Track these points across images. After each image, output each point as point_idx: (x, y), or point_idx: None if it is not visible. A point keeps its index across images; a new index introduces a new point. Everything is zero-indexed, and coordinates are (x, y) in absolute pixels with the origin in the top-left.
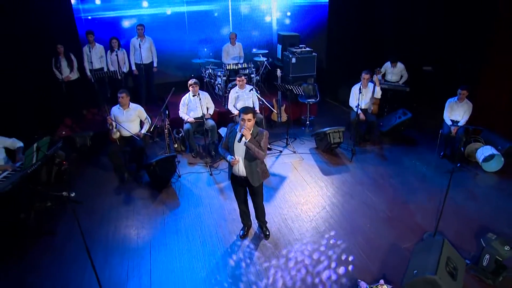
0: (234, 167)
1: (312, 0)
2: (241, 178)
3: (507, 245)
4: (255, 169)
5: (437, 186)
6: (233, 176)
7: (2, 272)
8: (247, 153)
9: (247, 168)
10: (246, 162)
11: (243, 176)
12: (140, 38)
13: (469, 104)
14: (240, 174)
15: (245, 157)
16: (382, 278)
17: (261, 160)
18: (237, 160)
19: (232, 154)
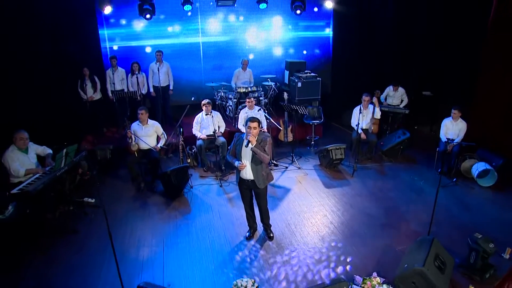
0: (242, 171)
1: (317, 33)
2: (248, 181)
3: (491, 243)
4: (261, 172)
5: (433, 198)
6: (240, 180)
7: (29, 265)
8: (254, 157)
9: (253, 171)
10: (253, 165)
11: (250, 179)
12: (159, 63)
13: (464, 123)
14: (248, 177)
15: (251, 161)
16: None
17: (266, 163)
18: (244, 164)
19: (239, 160)
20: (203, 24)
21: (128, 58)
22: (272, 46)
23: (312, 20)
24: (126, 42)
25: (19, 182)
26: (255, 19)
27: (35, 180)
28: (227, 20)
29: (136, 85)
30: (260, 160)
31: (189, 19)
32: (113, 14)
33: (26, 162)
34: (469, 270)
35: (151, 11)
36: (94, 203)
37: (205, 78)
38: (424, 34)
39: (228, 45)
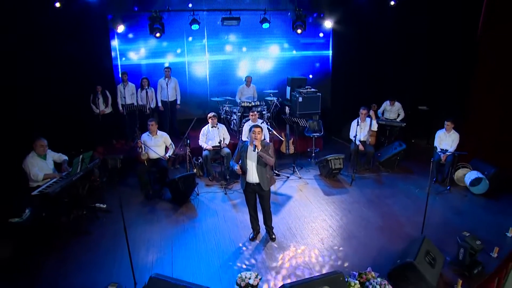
0: (248, 176)
1: (317, 52)
2: (253, 185)
3: (478, 240)
4: (265, 175)
5: (428, 205)
6: (247, 184)
7: (46, 263)
8: (259, 161)
9: (259, 175)
10: (259, 169)
11: (256, 182)
12: (167, 78)
13: (456, 134)
14: (254, 181)
15: (257, 165)
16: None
17: (271, 165)
18: (240, 169)
19: (245, 164)
20: (209, 42)
21: (137, 74)
22: (274, 63)
23: (313, 38)
24: (136, 59)
25: (37, 186)
26: (258, 38)
27: (53, 183)
28: (231, 39)
29: (145, 99)
30: (265, 163)
31: (196, 38)
32: (125, 33)
33: (45, 167)
34: (458, 266)
35: (160, 30)
36: (106, 208)
37: (211, 93)
38: (419, 52)
39: (232, 62)
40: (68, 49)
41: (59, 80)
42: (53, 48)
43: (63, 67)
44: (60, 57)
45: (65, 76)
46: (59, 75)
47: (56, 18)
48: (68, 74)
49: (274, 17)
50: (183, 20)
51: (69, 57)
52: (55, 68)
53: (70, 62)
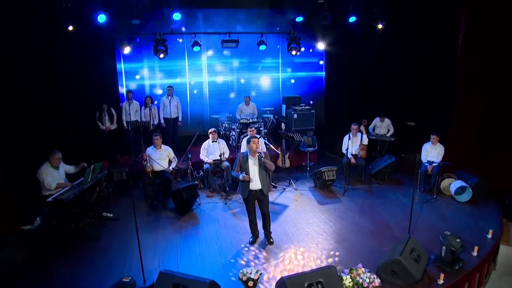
0: (251, 184)
1: (311, 73)
2: (255, 191)
3: (458, 238)
4: (265, 181)
5: (416, 212)
6: (249, 192)
7: (59, 265)
8: (261, 168)
9: (261, 181)
10: (260, 176)
11: (258, 188)
12: (170, 96)
13: (442, 147)
14: (256, 187)
15: (259, 172)
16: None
17: (271, 170)
18: (248, 176)
19: (248, 173)
20: (209, 63)
21: (141, 92)
22: (271, 82)
23: (307, 59)
24: (140, 79)
25: (49, 194)
26: (256, 59)
27: (65, 191)
28: (230, 60)
29: (149, 116)
30: (266, 169)
31: (197, 59)
32: (131, 54)
33: (57, 177)
34: (441, 263)
35: (164, 51)
36: (113, 217)
37: (211, 111)
38: (405, 72)
39: (231, 82)
40: (79, 69)
41: (69, 98)
42: (67, 69)
43: (74, 86)
44: (72, 76)
45: (75, 94)
46: (69, 93)
47: (69, 41)
48: (77, 92)
49: (270, 40)
50: (185, 42)
51: (79, 77)
52: (67, 87)
53: (80, 81)
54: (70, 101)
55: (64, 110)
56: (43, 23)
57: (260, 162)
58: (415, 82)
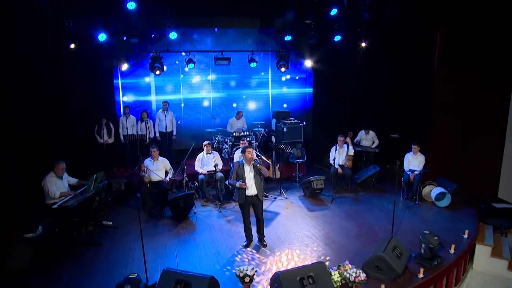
0: (247, 190)
1: (300, 90)
2: (252, 197)
3: (436, 236)
4: (260, 186)
5: (399, 217)
6: (246, 198)
7: (64, 269)
8: (255, 176)
9: (257, 187)
10: (256, 182)
11: (254, 194)
12: (165, 111)
13: (422, 156)
14: (252, 193)
15: (255, 178)
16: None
17: (266, 176)
18: (245, 184)
19: (244, 180)
20: (202, 79)
21: (137, 107)
22: (261, 97)
23: (295, 75)
24: (137, 94)
25: (53, 203)
26: (247, 76)
27: (69, 199)
28: (223, 77)
29: (145, 130)
30: (260, 175)
31: (192, 76)
32: (128, 70)
33: (61, 186)
34: (421, 259)
35: (160, 68)
36: (113, 225)
37: (204, 125)
38: (388, 87)
39: (224, 98)
40: (79, 85)
41: (69, 112)
42: (68, 84)
43: (74, 101)
44: (72, 92)
45: (75, 109)
46: (70, 108)
47: (70, 58)
48: (77, 107)
49: (261, 57)
50: (180, 59)
51: (80, 92)
52: (67, 101)
53: (80, 96)
54: (70, 115)
55: (65, 124)
56: (47, 41)
57: (256, 169)
58: (397, 97)
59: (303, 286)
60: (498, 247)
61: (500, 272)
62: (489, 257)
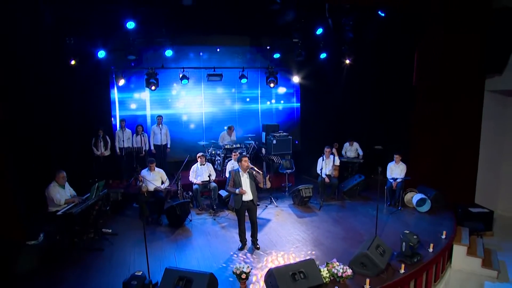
0: (244, 196)
1: (288, 105)
2: (248, 202)
3: (415, 235)
4: (255, 192)
5: (383, 222)
6: (242, 203)
7: (66, 273)
8: (251, 182)
9: (252, 193)
10: (252, 188)
11: (250, 199)
12: (160, 125)
13: (404, 165)
14: (248, 198)
15: (250, 184)
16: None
17: (260, 182)
18: (244, 190)
19: (241, 186)
20: (196, 94)
21: (133, 121)
22: (251, 112)
23: (283, 92)
24: (132, 108)
25: (56, 210)
26: (238, 91)
27: (73, 206)
28: (215, 92)
29: (140, 143)
30: (257, 180)
31: (185, 91)
32: (124, 85)
33: (64, 194)
34: (402, 257)
35: (155, 84)
36: (112, 232)
37: (197, 138)
38: (371, 101)
39: (216, 112)
40: (78, 99)
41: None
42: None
43: (73, 115)
44: (71, 106)
45: (73, 122)
46: (68, 121)
47: (70, 74)
48: (75, 120)
49: (251, 74)
50: (175, 75)
51: (78, 106)
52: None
53: (79, 110)
54: (69, 128)
55: (64, 137)
56: (48, 57)
57: (252, 176)
58: (380, 110)
59: (295, 280)
60: (473, 247)
61: (475, 270)
62: (465, 256)
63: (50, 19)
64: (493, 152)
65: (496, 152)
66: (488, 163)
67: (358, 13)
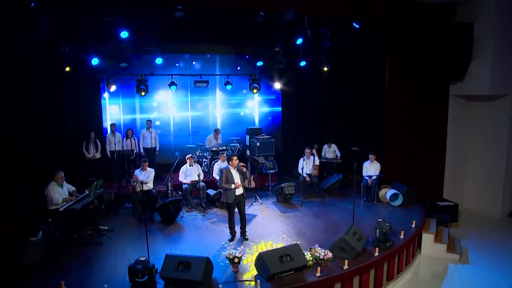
0: (237, 190)
1: (271, 108)
2: (238, 196)
3: (387, 223)
4: (243, 186)
5: (359, 215)
6: (234, 198)
7: (71, 264)
8: (240, 177)
9: (242, 187)
10: (242, 182)
11: (241, 193)
12: (149, 129)
13: (378, 164)
14: (239, 193)
15: (240, 180)
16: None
17: (248, 177)
18: (239, 184)
19: (234, 182)
20: (183, 100)
21: (123, 125)
22: (236, 117)
23: (266, 97)
24: (123, 114)
25: (55, 208)
26: (223, 97)
27: (73, 203)
28: (202, 98)
29: (130, 146)
30: (245, 177)
31: (174, 97)
32: (115, 91)
33: (62, 193)
34: (376, 242)
35: (145, 90)
36: (108, 228)
37: (184, 141)
38: (347, 105)
39: (203, 116)
40: (71, 104)
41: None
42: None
43: (66, 119)
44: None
45: (66, 126)
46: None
47: (65, 80)
48: (68, 124)
49: (235, 80)
50: (163, 82)
51: (71, 111)
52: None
53: (72, 114)
54: (62, 132)
55: (57, 140)
56: (45, 64)
57: (241, 172)
58: (356, 114)
59: (282, 262)
60: (440, 235)
61: (441, 254)
62: (432, 243)
63: (48, 30)
64: (458, 151)
65: (461, 151)
66: (454, 162)
67: (334, 24)
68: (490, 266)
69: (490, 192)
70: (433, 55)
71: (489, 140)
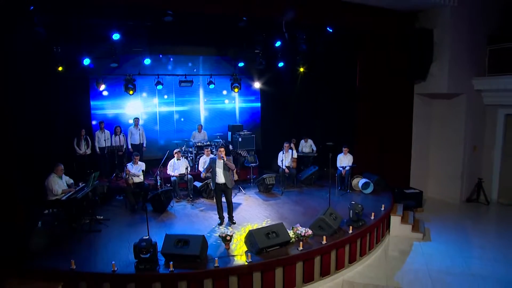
0: (217, 178)
1: (250, 104)
2: (221, 184)
3: (360, 205)
4: (229, 177)
5: (335, 202)
6: (216, 185)
7: (76, 247)
8: (224, 168)
9: (225, 177)
10: (225, 173)
11: (223, 182)
12: (136, 126)
13: (351, 156)
14: (221, 181)
15: (223, 170)
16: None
17: (233, 169)
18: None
19: (215, 171)
20: (169, 99)
21: (111, 123)
22: (219, 114)
23: (246, 96)
24: (111, 110)
25: (56, 199)
26: (206, 95)
27: (74, 193)
28: (187, 96)
29: (118, 142)
30: (229, 168)
31: (159, 96)
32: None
33: (61, 185)
34: (350, 222)
35: (133, 89)
36: (104, 218)
37: (171, 137)
38: (322, 103)
39: (187, 113)
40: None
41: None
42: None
43: (58, 116)
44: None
45: (58, 123)
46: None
47: (56, 78)
48: (59, 122)
49: (218, 80)
50: (150, 81)
51: (64, 110)
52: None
53: (63, 112)
54: (54, 128)
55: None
56: (38, 64)
57: (224, 164)
58: (330, 110)
59: (269, 238)
60: (406, 218)
61: (407, 234)
62: (399, 224)
63: (43, 31)
64: (423, 144)
65: (425, 144)
66: (419, 154)
67: (310, 28)
68: (448, 242)
69: (450, 181)
70: (399, 57)
71: (449, 134)
